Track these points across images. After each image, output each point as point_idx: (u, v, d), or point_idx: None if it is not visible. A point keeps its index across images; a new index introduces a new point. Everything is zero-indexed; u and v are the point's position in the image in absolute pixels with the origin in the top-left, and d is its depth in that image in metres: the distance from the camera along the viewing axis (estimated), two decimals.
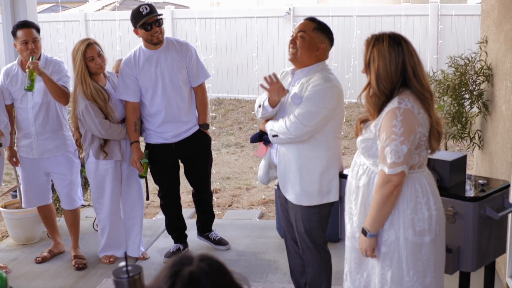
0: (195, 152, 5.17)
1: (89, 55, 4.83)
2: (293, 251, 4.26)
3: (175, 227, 5.44)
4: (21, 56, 5.03)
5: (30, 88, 4.75)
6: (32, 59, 4.76)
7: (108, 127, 4.88)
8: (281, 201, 4.16)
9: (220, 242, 5.52)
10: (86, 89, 4.82)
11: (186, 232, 5.51)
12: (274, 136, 3.82)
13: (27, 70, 4.74)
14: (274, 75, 3.87)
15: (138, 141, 5.05)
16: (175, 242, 5.47)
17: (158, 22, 4.86)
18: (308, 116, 3.68)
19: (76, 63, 4.84)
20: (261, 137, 3.99)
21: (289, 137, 3.75)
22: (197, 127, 5.12)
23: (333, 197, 3.93)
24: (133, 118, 4.99)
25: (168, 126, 5.01)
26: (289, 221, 4.15)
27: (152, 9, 4.83)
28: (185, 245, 5.48)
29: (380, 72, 3.04)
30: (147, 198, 5.34)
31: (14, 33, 4.98)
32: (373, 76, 3.06)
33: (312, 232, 3.97)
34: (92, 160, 5.05)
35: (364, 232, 3.13)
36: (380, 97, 3.05)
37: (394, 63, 3.03)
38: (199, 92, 5.14)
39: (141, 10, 4.81)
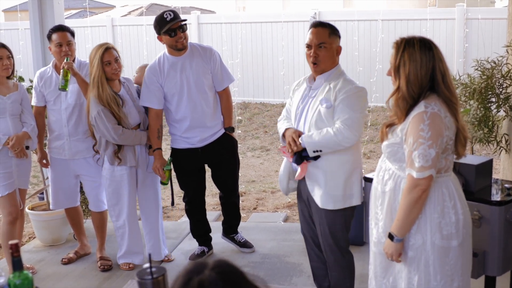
0: (221, 157, 5.16)
1: (106, 59, 4.81)
2: (314, 255, 4.26)
3: (200, 232, 5.45)
4: (55, 59, 5.11)
5: (64, 88, 4.82)
6: (67, 60, 4.83)
7: (121, 132, 4.86)
8: (302, 206, 4.17)
9: (245, 244, 5.51)
10: (102, 93, 4.80)
11: (211, 234, 5.52)
12: (315, 151, 3.79)
13: (61, 70, 4.81)
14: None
15: (160, 148, 5.03)
16: (200, 245, 5.48)
17: (182, 28, 4.85)
18: (355, 122, 3.72)
19: (93, 67, 4.82)
20: (302, 157, 3.88)
21: (337, 148, 3.76)
22: (222, 131, 5.12)
23: (356, 201, 3.95)
24: (156, 125, 5.00)
25: (194, 131, 5.01)
26: (310, 226, 4.16)
27: (175, 15, 4.81)
28: (210, 247, 5.49)
29: (411, 76, 3.02)
30: (172, 204, 5.32)
31: (49, 37, 5.08)
32: (403, 80, 3.05)
33: (337, 235, 3.98)
34: (107, 166, 5.05)
35: (390, 236, 3.11)
36: (408, 100, 3.04)
37: (425, 68, 3.02)
38: (224, 96, 5.14)
39: (165, 16, 4.79)
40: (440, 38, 11.88)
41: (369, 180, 4.06)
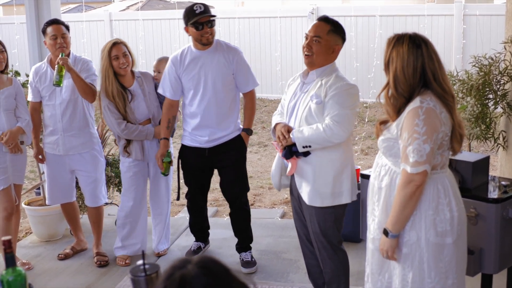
0: (227, 161, 5.03)
1: (114, 53, 4.91)
2: (308, 252, 4.25)
3: (199, 228, 5.43)
4: (51, 52, 5.10)
5: (58, 83, 4.80)
6: (61, 56, 4.82)
7: (123, 127, 4.95)
8: (294, 203, 4.16)
9: (247, 264, 5.12)
10: (108, 86, 4.92)
11: (209, 230, 5.52)
12: (305, 147, 3.78)
13: (56, 65, 4.80)
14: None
15: (167, 139, 5.03)
16: (196, 240, 5.46)
17: (211, 23, 4.77)
18: (344, 119, 3.71)
19: (102, 60, 4.95)
20: (292, 152, 3.86)
21: (326, 144, 3.75)
22: (233, 135, 4.98)
23: (346, 199, 3.92)
24: (168, 115, 4.99)
25: (203, 130, 4.92)
26: (303, 223, 4.15)
27: (206, 9, 4.75)
28: (207, 242, 5.48)
29: (398, 74, 3.02)
30: (178, 199, 5.30)
31: (44, 30, 5.08)
32: (391, 77, 3.05)
33: (328, 232, 3.97)
34: (121, 157, 5.20)
35: (385, 232, 3.10)
36: (398, 98, 3.03)
37: (412, 66, 3.01)
38: (248, 98, 5.05)
39: (194, 8, 4.71)
40: (438, 34, 11.87)
41: (366, 177, 4.05)
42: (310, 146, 3.77)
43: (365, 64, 12.22)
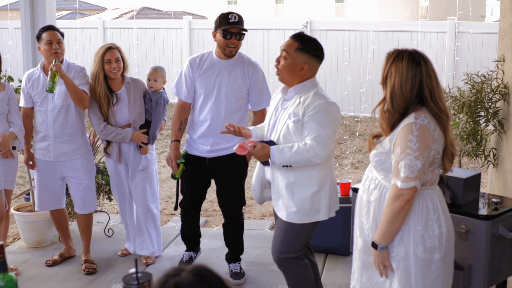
0: (227, 175, 4.99)
1: (107, 57, 5.04)
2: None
3: (190, 235, 5.35)
4: (44, 58, 5.09)
5: (51, 90, 4.80)
6: (55, 62, 4.82)
7: (102, 128, 5.13)
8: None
9: (235, 275, 5.09)
10: (96, 87, 5.05)
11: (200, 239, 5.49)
12: (284, 166, 3.76)
13: (49, 72, 4.79)
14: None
15: (178, 141, 5.01)
16: (188, 250, 5.37)
17: (240, 36, 4.73)
18: (325, 139, 3.66)
19: (94, 62, 5.08)
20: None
21: (307, 164, 3.71)
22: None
23: (323, 216, 3.87)
24: (179, 117, 4.97)
25: (207, 139, 4.88)
26: None
27: (240, 20, 4.72)
28: (197, 250, 5.40)
29: (395, 89, 3.03)
30: (175, 208, 5.22)
31: (39, 36, 5.07)
32: (388, 92, 3.06)
33: (292, 247, 3.92)
34: (105, 158, 5.41)
35: (374, 245, 3.12)
36: (394, 114, 3.05)
37: (410, 83, 3.02)
38: (258, 116, 4.99)
39: (229, 16, 4.69)
40: (431, 50, 11.94)
41: (356, 191, 4.06)
42: (291, 166, 3.73)
43: (357, 78, 12.29)
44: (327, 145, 3.68)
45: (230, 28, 4.67)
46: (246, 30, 4.76)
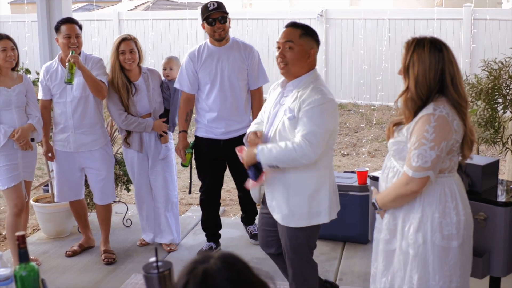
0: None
1: (121, 48, 5.12)
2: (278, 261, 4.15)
3: (211, 224, 5.49)
4: (62, 51, 5.12)
5: (69, 81, 4.83)
6: (72, 53, 4.84)
7: (124, 118, 5.16)
8: (263, 212, 4.01)
9: (255, 236, 5.55)
10: (114, 78, 5.13)
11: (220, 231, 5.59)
12: (271, 166, 3.56)
13: (67, 63, 4.82)
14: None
15: (186, 131, 5.23)
16: (208, 240, 5.50)
17: (223, 19, 5.00)
18: (316, 138, 3.44)
19: (111, 53, 5.15)
20: (259, 169, 3.63)
21: (294, 165, 3.51)
22: (246, 129, 5.05)
23: (323, 219, 3.70)
24: (186, 109, 5.20)
25: (219, 123, 5.10)
26: (269, 233, 4.03)
27: (219, 5, 5.02)
28: (218, 244, 5.52)
29: (419, 77, 3.01)
30: (189, 192, 5.53)
31: (57, 28, 5.09)
32: (412, 81, 3.03)
33: (299, 250, 3.78)
34: (123, 148, 5.43)
35: (374, 206, 3.24)
36: (417, 101, 3.03)
37: (433, 70, 3.00)
38: (257, 94, 5.28)
39: (208, 5, 5.02)
40: (447, 38, 11.83)
41: (375, 179, 4.06)
42: (277, 166, 3.55)
43: (373, 66, 12.21)
44: (318, 145, 3.45)
45: (211, 14, 4.99)
46: (227, 13, 5.03)
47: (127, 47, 5.10)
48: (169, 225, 5.50)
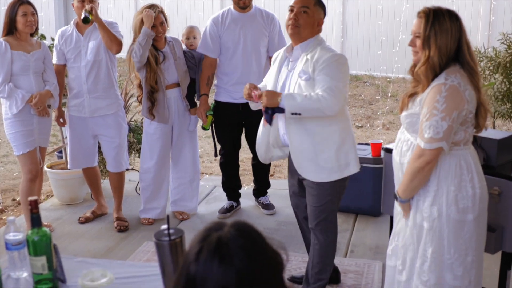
0: (259, 117, 5.16)
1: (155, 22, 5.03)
2: (306, 228, 4.17)
3: (232, 185, 5.69)
4: (77, 15, 5.10)
5: (87, 20, 4.85)
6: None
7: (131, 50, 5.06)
8: (292, 182, 4.07)
9: (267, 206, 5.70)
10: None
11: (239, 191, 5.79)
12: (294, 114, 3.60)
13: (83, 11, 4.86)
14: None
15: (207, 94, 5.32)
16: (229, 199, 5.72)
17: None
18: (337, 91, 3.54)
19: (136, 19, 5.07)
20: (272, 112, 3.69)
21: (317, 115, 3.58)
22: None
23: (354, 169, 3.82)
24: (207, 73, 5.31)
25: (239, 87, 5.06)
26: (300, 201, 4.09)
27: None
28: (238, 203, 5.75)
29: (442, 47, 2.98)
30: (216, 155, 5.58)
31: None
32: (434, 51, 2.98)
33: (328, 206, 3.86)
34: (145, 120, 5.30)
35: (395, 197, 3.17)
36: (437, 70, 3.00)
37: (454, 39, 2.98)
38: None
39: None
40: (466, 10, 11.68)
41: (389, 151, 4.04)
42: (300, 114, 3.59)
43: (390, 38, 12.09)
44: (340, 97, 3.56)
45: None
46: None
47: (157, 21, 5.06)
48: (193, 195, 5.59)
